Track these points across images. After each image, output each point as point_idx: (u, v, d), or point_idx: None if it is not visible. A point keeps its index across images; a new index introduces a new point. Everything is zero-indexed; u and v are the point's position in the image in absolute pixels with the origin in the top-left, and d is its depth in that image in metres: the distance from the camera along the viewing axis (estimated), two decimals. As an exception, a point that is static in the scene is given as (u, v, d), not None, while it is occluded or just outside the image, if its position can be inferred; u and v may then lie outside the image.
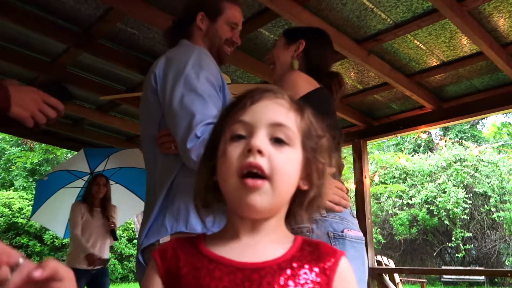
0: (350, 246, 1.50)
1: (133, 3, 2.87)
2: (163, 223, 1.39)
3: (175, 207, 1.40)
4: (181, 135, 1.35)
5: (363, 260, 1.56)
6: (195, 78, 1.43)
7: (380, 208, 17.85)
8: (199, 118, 1.34)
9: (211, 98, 1.43)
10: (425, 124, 4.50)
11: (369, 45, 3.37)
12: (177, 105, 1.39)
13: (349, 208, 1.62)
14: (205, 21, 1.73)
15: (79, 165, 5.22)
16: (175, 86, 1.42)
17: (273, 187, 0.73)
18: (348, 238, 1.51)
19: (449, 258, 17.73)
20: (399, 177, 17.81)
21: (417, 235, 17.16)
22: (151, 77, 1.53)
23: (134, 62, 3.72)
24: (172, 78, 1.45)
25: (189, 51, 1.53)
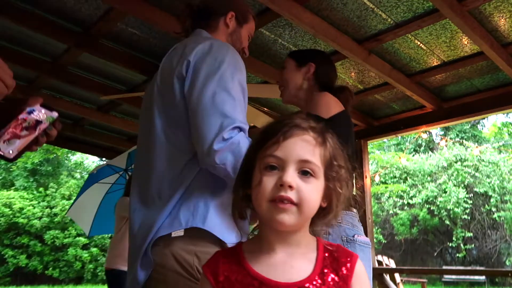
0: (359, 249, 1.66)
1: (133, 3, 2.87)
2: (177, 216, 1.32)
3: (193, 203, 1.34)
4: (209, 134, 1.29)
5: (369, 263, 1.70)
6: (229, 78, 1.39)
7: (380, 208, 17.85)
8: (229, 121, 1.30)
9: (240, 102, 1.40)
10: (426, 124, 4.50)
11: (370, 45, 3.37)
12: (207, 101, 1.33)
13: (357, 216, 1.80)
14: (233, 21, 1.75)
15: (120, 160, 5.08)
16: (208, 80, 1.36)
17: (299, 211, 0.89)
18: (358, 243, 1.68)
19: (449, 258, 17.74)
20: (399, 177, 17.82)
21: (418, 235, 17.17)
22: (182, 64, 1.42)
23: (134, 62, 3.72)
24: (206, 71, 1.38)
25: (225, 48, 1.49)
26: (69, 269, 16.75)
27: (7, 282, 16.03)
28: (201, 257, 1.28)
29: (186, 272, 1.28)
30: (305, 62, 2.05)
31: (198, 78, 1.37)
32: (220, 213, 1.35)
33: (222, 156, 1.28)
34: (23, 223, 16.63)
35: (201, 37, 1.62)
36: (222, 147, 1.27)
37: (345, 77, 4.02)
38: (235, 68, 1.43)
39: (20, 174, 19.58)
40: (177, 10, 3.02)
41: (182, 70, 1.41)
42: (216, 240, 1.31)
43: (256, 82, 4.06)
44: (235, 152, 1.29)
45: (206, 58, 1.41)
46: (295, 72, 2.06)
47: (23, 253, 16.54)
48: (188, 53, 1.43)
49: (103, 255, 17.15)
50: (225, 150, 1.28)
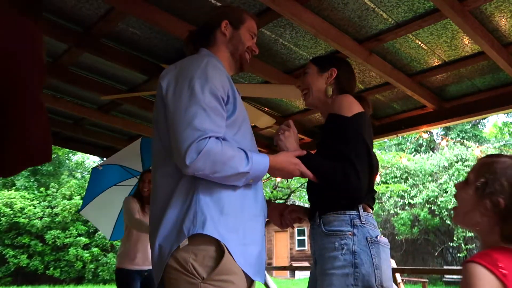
0: (382, 250, 1.73)
1: (134, 3, 2.87)
2: (181, 229, 1.46)
3: (192, 211, 1.47)
4: (182, 147, 1.43)
5: (389, 263, 1.77)
6: (199, 91, 1.51)
7: (381, 208, 17.86)
8: (199, 133, 1.44)
9: (214, 110, 1.51)
10: (427, 124, 4.49)
11: (371, 45, 3.37)
12: (180, 117, 1.47)
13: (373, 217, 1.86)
14: (229, 28, 1.84)
15: (133, 161, 4.95)
16: (180, 99, 1.51)
17: None
18: (381, 244, 1.74)
19: (450, 257, 17.74)
20: (400, 176, 17.82)
21: (419, 235, 17.17)
22: (160, 87, 1.62)
23: (135, 62, 3.72)
24: (178, 91, 1.54)
25: (199, 61, 1.60)
26: (70, 269, 16.77)
27: (8, 282, 16.05)
28: (197, 254, 1.43)
29: (181, 267, 1.43)
30: (328, 67, 2.13)
31: (171, 96, 1.54)
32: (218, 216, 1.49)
33: (197, 166, 1.43)
34: (24, 223, 16.65)
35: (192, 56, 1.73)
36: (194, 158, 1.41)
37: (346, 77, 4.01)
38: (205, 80, 1.54)
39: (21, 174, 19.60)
40: (178, 10, 3.02)
41: (161, 92, 1.60)
42: (212, 240, 1.45)
43: (257, 82, 4.06)
44: (211, 159, 1.44)
45: (178, 77, 1.58)
46: (317, 77, 2.14)
47: (24, 253, 16.56)
48: (162, 77, 1.63)
49: (104, 255, 17.18)
50: (199, 160, 1.42)
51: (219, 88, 1.56)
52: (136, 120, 5.31)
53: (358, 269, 1.65)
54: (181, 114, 1.48)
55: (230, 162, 1.48)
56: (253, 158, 1.54)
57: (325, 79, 2.11)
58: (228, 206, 1.52)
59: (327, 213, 1.78)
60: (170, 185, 1.55)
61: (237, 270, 1.48)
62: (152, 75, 3.91)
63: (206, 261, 1.43)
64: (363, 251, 1.68)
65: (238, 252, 1.48)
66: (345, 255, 1.68)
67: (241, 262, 1.49)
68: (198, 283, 1.40)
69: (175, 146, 1.46)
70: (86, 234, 17.39)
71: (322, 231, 1.78)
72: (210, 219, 1.46)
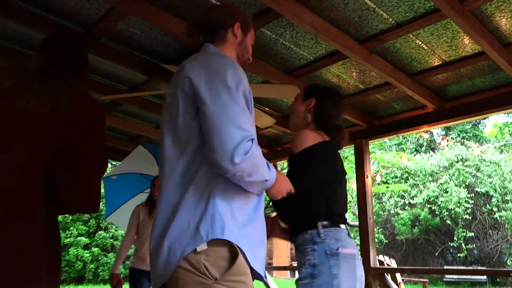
0: (343, 261, 1.94)
1: (134, 3, 2.87)
2: (198, 232, 1.44)
3: (209, 215, 1.46)
4: (227, 145, 1.40)
5: (354, 272, 1.98)
6: (236, 90, 1.49)
7: (382, 208, 17.84)
8: (245, 134, 1.43)
9: (247, 113, 1.52)
10: (427, 124, 4.49)
11: (371, 44, 3.37)
12: (220, 113, 1.44)
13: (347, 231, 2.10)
14: (239, 31, 1.81)
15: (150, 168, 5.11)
16: (217, 93, 1.47)
17: None
18: (342, 255, 1.95)
19: (451, 258, 17.72)
20: (401, 176, 17.80)
21: (419, 235, 17.15)
22: (184, 80, 1.55)
23: (136, 62, 3.72)
24: (213, 84, 1.49)
25: (225, 60, 1.59)
26: (70, 269, 16.76)
27: (8, 281, 16.06)
28: (209, 254, 1.43)
29: (193, 268, 1.42)
30: (310, 96, 2.29)
31: (207, 91, 1.48)
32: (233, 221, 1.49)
33: (243, 166, 1.42)
34: (24, 223, 16.65)
35: (205, 52, 1.71)
36: (243, 159, 1.41)
37: (346, 77, 4.01)
38: (238, 80, 1.52)
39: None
40: (178, 10, 3.02)
41: (185, 86, 1.53)
42: (224, 241, 1.45)
43: (257, 82, 4.06)
44: (253, 162, 1.44)
45: (209, 74, 1.51)
46: (300, 104, 2.31)
47: (24, 253, 16.57)
48: (188, 71, 1.55)
49: (104, 255, 17.18)
50: (245, 161, 1.41)
51: (246, 90, 1.56)
52: (136, 120, 5.32)
53: (315, 279, 1.91)
54: (221, 110, 1.45)
55: (261, 169, 1.51)
56: (271, 167, 1.58)
57: (306, 106, 2.28)
58: (241, 210, 1.54)
59: (297, 235, 2.10)
60: (181, 186, 1.52)
61: (248, 271, 1.50)
62: (153, 75, 3.92)
63: (218, 262, 1.44)
64: (322, 263, 1.93)
65: (251, 255, 1.51)
66: (306, 268, 1.97)
67: (255, 265, 1.53)
68: (211, 284, 1.41)
69: (218, 142, 1.42)
70: (86, 234, 17.39)
71: (295, 250, 2.13)
72: (228, 224, 1.47)
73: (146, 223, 4.37)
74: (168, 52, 3.65)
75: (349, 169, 15.34)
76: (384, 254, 13.53)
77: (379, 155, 18.30)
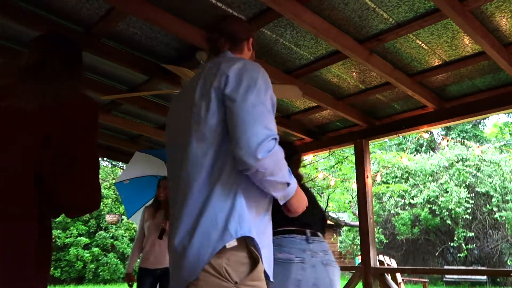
0: (278, 265, 2.04)
1: (135, 3, 2.88)
2: (227, 228, 1.47)
3: (238, 214, 1.49)
4: (252, 142, 1.45)
5: (289, 276, 2.18)
6: (263, 93, 1.56)
7: (382, 207, 17.84)
8: (269, 132, 1.48)
9: (272, 115, 1.58)
10: (427, 124, 4.49)
11: (371, 44, 3.37)
12: (249, 110, 1.50)
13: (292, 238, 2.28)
14: (250, 46, 1.94)
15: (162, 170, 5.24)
16: (248, 93, 1.53)
17: None
18: (277, 259, 2.09)
19: (451, 257, 17.72)
20: (401, 176, 17.79)
21: (419, 234, 17.14)
22: (221, 78, 1.58)
23: (136, 62, 3.73)
24: (245, 85, 1.55)
25: (257, 67, 1.66)
26: (71, 269, 16.75)
27: (8, 281, 16.07)
28: (230, 259, 1.47)
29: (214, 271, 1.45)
30: None
31: (238, 90, 1.54)
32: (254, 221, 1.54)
33: (265, 163, 1.45)
34: (24, 223, 16.65)
35: (233, 57, 1.77)
36: (265, 155, 1.44)
37: (347, 77, 4.01)
38: (267, 85, 1.61)
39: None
40: (178, 10, 3.02)
41: (220, 83, 1.57)
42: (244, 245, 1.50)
43: (257, 82, 4.06)
44: (275, 160, 1.48)
45: (243, 74, 1.58)
46: None
47: (24, 252, 16.57)
48: (225, 69, 1.60)
49: (104, 255, 17.17)
50: (268, 158, 1.45)
51: (273, 95, 1.63)
52: (136, 120, 5.32)
53: None
54: (250, 108, 1.50)
55: (283, 170, 1.53)
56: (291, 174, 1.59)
57: None
58: (259, 210, 1.59)
59: None
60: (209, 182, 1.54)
61: (263, 276, 1.55)
62: (153, 75, 3.92)
63: (239, 267, 1.48)
64: None
65: (265, 259, 1.57)
66: None
67: (267, 267, 1.57)
68: (231, 287, 1.45)
69: (244, 137, 1.46)
70: (86, 234, 17.38)
71: None
72: (253, 223, 1.52)
73: (149, 224, 4.49)
74: (168, 52, 3.65)
75: (349, 169, 15.33)
76: (384, 254, 13.53)
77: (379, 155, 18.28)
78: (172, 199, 1.69)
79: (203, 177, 1.54)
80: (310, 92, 4.14)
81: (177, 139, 1.69)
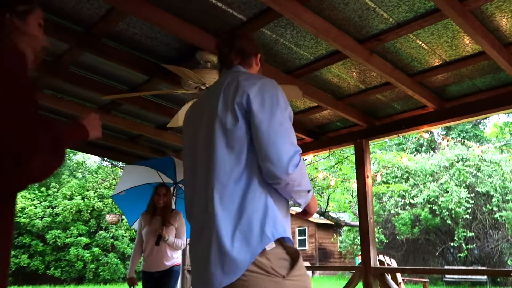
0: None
1: (135, 3, 2.87)
2: (263, 232, 1.57)
3: (271, 217, 1.61)
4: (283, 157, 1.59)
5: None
6: (285, 111, 1.71)
7: (382, 207, 17.84)
8: (296, 149, 1.64)
9: (293, 129, 1.72)
10: (427, 124, 4.49)
11: (371, 44, 3.37)
12: (276, 128, 1.63)
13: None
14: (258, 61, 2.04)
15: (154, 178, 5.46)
16: (273, 112, 1.66)
17: None
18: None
19: (451, 257, 17.72)
20: (401, 176, 17.79)
21: (420, 234, 17.15)
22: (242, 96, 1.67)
23: (136, 62, 3.73)
24: (270, 104, 1.67)
25: (276, 86, 1.79)
26: (71, 269, 16.77)
27: (9, 282, 16.08)
28: (271, 258, 1.57)
29: (264, 271, 1.55)
30: None
31: (264, 109, 1.66)
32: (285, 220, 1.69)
33: (294, 176, 1.60)
34: (24, 223, 16.66)
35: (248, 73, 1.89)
36: (295, 170, 1.59)
37: (347, 77, 4.01)
38: (286, 103, 1.75)
39: (21, 174, 19.58)
40: (178, 10, 3.02)
41: (242, 100, 1.67)
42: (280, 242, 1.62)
43: (257, 82, 4.06)
44: (301, 172, 1.63)
45: (264, 94, 1.70)
46: None
47: (24, 253, 16.57)
48: (246, 88, 1.69)
49: (104, 255, 17.19)
50: (296, 171, 1.60)
51: (291, 110, 1.77)
52: (136, 120, 5.32)
53: None
54: (277, 127, 1.64)
55: (306, 178, 1.69)
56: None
57: None
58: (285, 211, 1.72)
59: None
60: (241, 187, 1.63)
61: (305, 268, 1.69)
62: (153, 75, 3.92)
63: (281, 262, 1.59)
64: None
65: None
66: None
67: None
68: (281, 280, 1.56)
69: (275, 155, 1.60)
70: (86, 234, 17.39)
71: None
72: (284, 223, 1.66)
73: (147, 230, 4.66)
74: (168, 52, 3.65)
75: (349, 169, 15.33)
76: (385, 254, 13.52)
77: (380, 155, 18.28)
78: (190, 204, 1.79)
79: (236, 179, 1.64)
80: (310, 92, 4.13)
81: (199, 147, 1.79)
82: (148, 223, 4.68)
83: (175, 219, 4.74)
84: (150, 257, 4.61)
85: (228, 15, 3.08)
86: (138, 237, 4.78)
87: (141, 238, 4.73)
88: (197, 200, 1.75)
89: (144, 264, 4.70)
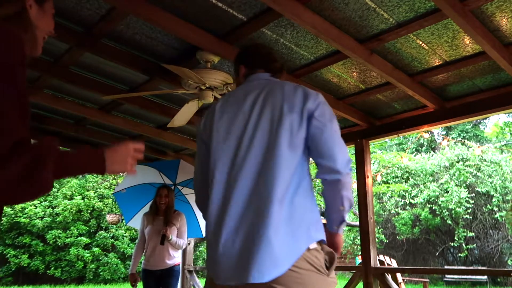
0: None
1: (135, 3, 2.87)
2: (308, 233, 1.70)
3: (315, 218, 1.76)
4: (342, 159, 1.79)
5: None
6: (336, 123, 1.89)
7: (382, 207, 17.83)
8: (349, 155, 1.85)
9: None
10: (428, 124, 4.49)
11: (372, 44, 3.37)
12: (335, 135, 1.83)
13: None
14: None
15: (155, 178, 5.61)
16: (332, 121, 1.85)
17: None
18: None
19: (451, 257, 17.71)
20: (401, 176, 17.78)
21: (420, 234, 17.14)
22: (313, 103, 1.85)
23: (136, 61, 3.73)
24: (329, 114, 1.87)
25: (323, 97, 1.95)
26: (71, 269, 16.75)
27: (9, 281, 16.05)
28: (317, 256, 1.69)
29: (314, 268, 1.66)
30: None
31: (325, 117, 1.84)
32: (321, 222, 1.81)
33: (347, 177, 1.79)
34: (25, 223, 16.64)
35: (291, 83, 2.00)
36: (350, 172, 1.80)
37: (347, 77, 4.01)
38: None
39: (22, 174, 19.56)
40: (179, 10, 3.02)
41: (312, 107, 1.84)
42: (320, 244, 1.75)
43: (257, 82, 4.06)
44: (351, 180, 1.84)
45: (325, 105, 1.89)
46: None
47: (25, 252, 16.56)
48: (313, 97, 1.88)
49: (105, 255, 17.17)
50: (350, 175, 1.81)
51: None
52: (137, 120, 5.32)
53: None
54: (337, 133, 1.84)
55: (352, 192, 1.86)
56: None
57: None
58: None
59: None
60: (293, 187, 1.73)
61: None
62: (153, 75, 3.92)
63: (323, 261, 1.71)
64: None
65: None
66: None
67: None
68: (327, 279, 1.69)
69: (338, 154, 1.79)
70: (87, 234, 17.38)
71: None
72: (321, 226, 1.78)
73: (149, 230, 4.84)
74: (168, 52, 3.65)
75: (349, 169, 15.30)
76: (385, 254, 13.53)
77: (380, 155, 18.28)
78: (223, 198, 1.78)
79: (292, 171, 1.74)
80: (310, 92, 4.13)
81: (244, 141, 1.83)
82: (151, 223, 4.85)
83: (177, 219, 4.88)
84: (152, 255, 4.77)
85: (228, 15, 3.08)
86: (140, 236, 4.93)
87: (144, 237, 4.88)
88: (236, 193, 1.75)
89: (145, 262, 4.85)
